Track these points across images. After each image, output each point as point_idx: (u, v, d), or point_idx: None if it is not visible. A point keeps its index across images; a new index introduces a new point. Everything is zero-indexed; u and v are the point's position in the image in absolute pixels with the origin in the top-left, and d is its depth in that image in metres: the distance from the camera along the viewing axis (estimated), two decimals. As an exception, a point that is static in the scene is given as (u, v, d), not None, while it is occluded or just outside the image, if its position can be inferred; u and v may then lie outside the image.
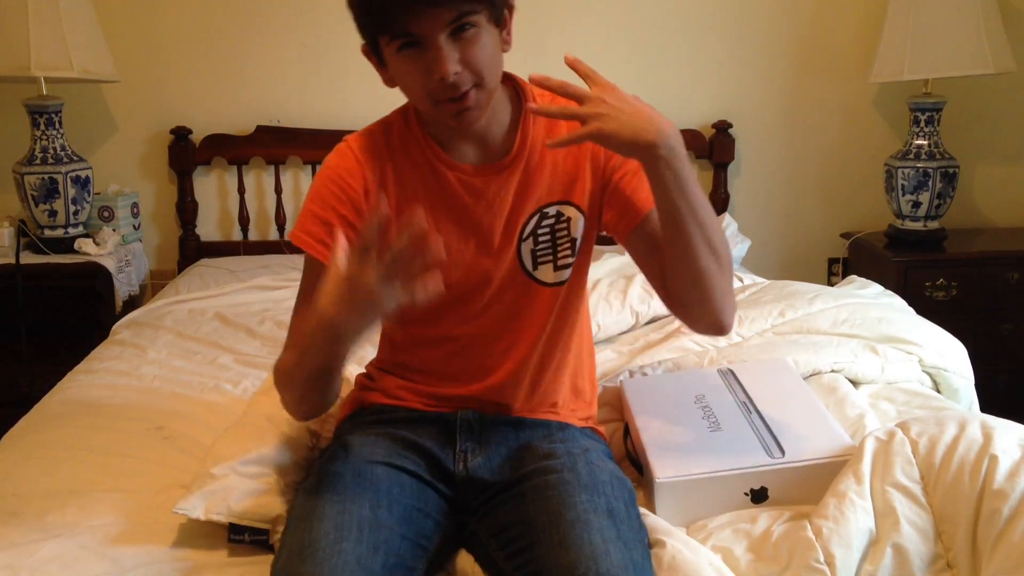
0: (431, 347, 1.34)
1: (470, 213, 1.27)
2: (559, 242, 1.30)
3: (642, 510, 1.24)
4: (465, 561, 1.22)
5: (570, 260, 1.31)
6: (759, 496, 1.29)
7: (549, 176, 1.29)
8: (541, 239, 1.29)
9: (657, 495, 1.28)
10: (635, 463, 1.41)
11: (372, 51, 1.21)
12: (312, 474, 1.26)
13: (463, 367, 1.33)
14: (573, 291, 1.34)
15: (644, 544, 1.14)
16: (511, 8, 1.22)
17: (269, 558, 1.21)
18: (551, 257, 1.30)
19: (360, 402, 1.40)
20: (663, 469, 1.29)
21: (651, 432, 1.39)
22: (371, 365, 1.44)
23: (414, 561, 1.13)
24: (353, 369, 1.53)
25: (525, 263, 1.30)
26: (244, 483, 1.27)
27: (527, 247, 1.29)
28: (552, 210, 1.29)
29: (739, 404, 1.45)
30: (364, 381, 1.43)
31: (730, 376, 1.56)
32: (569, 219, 1.30)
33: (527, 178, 1.28)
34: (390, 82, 1.22)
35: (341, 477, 1.19)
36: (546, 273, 1.30)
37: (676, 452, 1.33)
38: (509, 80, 1.30)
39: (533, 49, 2.09)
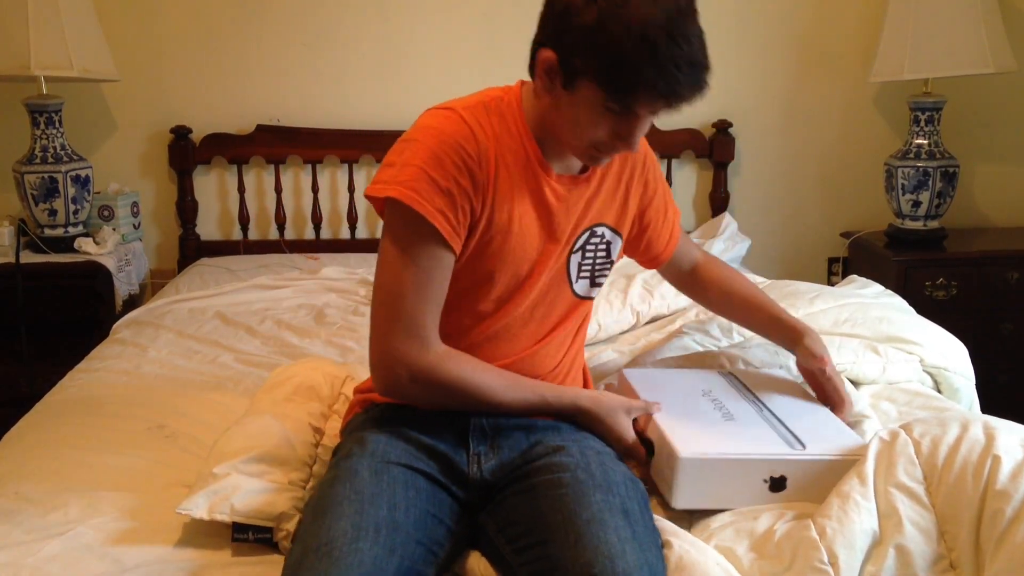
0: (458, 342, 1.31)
1: (553, 215, 1.32)
2: (599, 261, 1.39)
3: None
4: (474, 561, 1.21)
5: (602, 280, 1.41)
6: (778, 485, 1.27)
7: (606, 197, 1.37)
8: (587, 254, 1.38)
9: (679, 472, 1.24)
10: (645, 443, 1.36)
11: (564, 69, 1.17)
12: (329, 469, 1.25)
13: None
14: (591, 306, 1.45)
15: (658, 546, 1.14)
16: None
17: (273, 557, 1.22)
18: (589, 273, 1.39)
19: (372, 400, 1.37)
20: (686, 445, 1.26)
21: (665, 415, 1.36)
22: None
23: (425, 567, 1.12)
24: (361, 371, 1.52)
25: (571, 273, 1.37)
26: (247, 482, 1.27)
27: (576, 259, 1.37)
28: (601, 230, 1.38)
29: (748, 400, 1.45)
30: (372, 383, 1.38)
31: (733, 379, 1.55)
32: (610, 242, 1.40)
33: (593, 196, 1.36)
34: (548, 95, 1.22)
35: (359, 475, 1.17)
36: (583, 287, 1.39)
37: (696, 433, 1.31)
38: None
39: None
